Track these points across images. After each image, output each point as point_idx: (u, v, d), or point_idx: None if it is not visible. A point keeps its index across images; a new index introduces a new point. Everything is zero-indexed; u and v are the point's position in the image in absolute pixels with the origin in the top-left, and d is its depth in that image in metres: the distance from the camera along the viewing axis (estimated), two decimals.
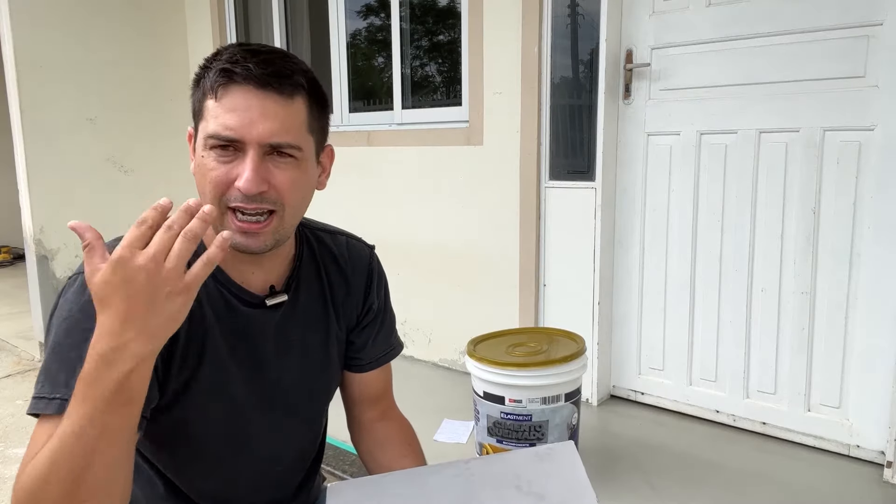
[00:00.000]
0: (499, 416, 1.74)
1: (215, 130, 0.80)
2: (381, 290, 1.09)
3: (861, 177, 1.89)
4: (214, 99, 0.81)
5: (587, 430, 2.15)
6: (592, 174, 2.32)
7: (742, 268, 2.12)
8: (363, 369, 1.09)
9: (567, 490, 0.88)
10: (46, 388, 0.76)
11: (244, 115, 0.80)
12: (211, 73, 0.82)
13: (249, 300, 0.92)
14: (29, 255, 3.37)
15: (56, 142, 3.33)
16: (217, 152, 0.81)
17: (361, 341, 1.08)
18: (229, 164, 0.81)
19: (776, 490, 1.82)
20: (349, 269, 1.05)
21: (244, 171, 0.80)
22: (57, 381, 0.76)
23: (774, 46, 1.99)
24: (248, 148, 0.80)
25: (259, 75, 0.80)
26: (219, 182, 0.81)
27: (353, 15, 3.16)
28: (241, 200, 0.81)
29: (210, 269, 0.67)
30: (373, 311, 1.08)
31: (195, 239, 0.65)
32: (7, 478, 2.23)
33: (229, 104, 0.80)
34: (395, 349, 1.14)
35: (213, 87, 0.81)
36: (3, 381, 3.15)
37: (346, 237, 1.08)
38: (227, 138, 0.80)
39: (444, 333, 2.86)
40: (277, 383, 0.97)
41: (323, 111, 0.90)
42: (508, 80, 2.49)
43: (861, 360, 1.94)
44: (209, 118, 0.81)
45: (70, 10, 3.33)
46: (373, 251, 1.10)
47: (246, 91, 0.80)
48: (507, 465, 0.93)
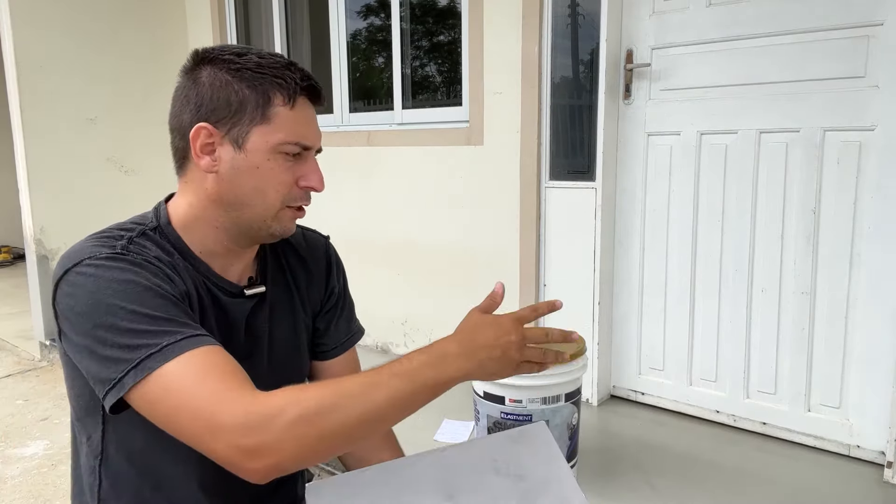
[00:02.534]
0: (499, 416, 1.74)
1: (297, 140, 0.89)
2: (340, 276, 1.15)
3: (861, 177, 1.89)
4: (290, 107, 0.88)
5: (587, 430, 2.15)
6: (593, 174, 2.32)
7: (742, 268, 2.12)
8: (328, 356, 1.14)
9: (545, 469, 0.90)
10: (143, 349, 0.76)
11: (314, 126, 0.93)
12: (287, 81, 0.88)
13: (230, 290, 0.96)
14: (29, 254, 3.37)
15: (56, 142, 3.33)
16: (286, 157, 0.90)
17: (325, 326, 1.13)
18: (294, 166, 0.91)
19: (776, 490, 1.82)
20: (308, 257, 1.10)
21: (312, 172, 0.92)
22: (150, 334, 0.77)
23: (775, 46, 1.99)
24: (312, 153, 0.93)
25: (319, 91, 0.93)
26: (287, 182, 0.90)
27: (353, 15, 3.16)
28: (306, 199, 0.94)
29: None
30: (335, 295, 1.13)
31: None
32: (7, 477, 2.23)
33: (303, 114, 0.90)
34: (357, 334, 1.19)
35: (291, 96, 0.88)
36: (3, 380, 3.15)
37: (301, 228, 1.12)
38: (305, 146, 0.91)
39: (445, 333, 2.83)
40: (252, 375, 0.96)
41: None
42: (509, 79, 2.49)
43: (861, 360, 1.94)
44: (282, 125, 0.88)
45: (70, 11, 3.34)
46: (328, 240, 1.16)
47: (308, 102, 0.92)
48: (483, 450, 0.94)
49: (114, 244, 0.85)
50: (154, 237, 0.91)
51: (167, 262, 0.88)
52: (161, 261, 0.87)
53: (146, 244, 0.88)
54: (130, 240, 0.87)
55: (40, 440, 2.50)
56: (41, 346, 3.41)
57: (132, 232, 0.89)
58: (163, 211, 0.94)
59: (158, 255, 0.88)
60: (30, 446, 2.46)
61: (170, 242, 0.92)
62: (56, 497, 2.11)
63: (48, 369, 3.28)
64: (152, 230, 0.91)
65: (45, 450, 2.42)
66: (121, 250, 0.84)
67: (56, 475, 2.24)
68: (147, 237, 0.90)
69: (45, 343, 3.38)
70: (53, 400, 2.87)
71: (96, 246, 0.85)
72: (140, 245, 0.87)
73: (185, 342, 0.77)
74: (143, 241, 0.89)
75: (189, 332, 0.79)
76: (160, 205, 0.96)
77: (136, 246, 0.87)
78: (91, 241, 0.87)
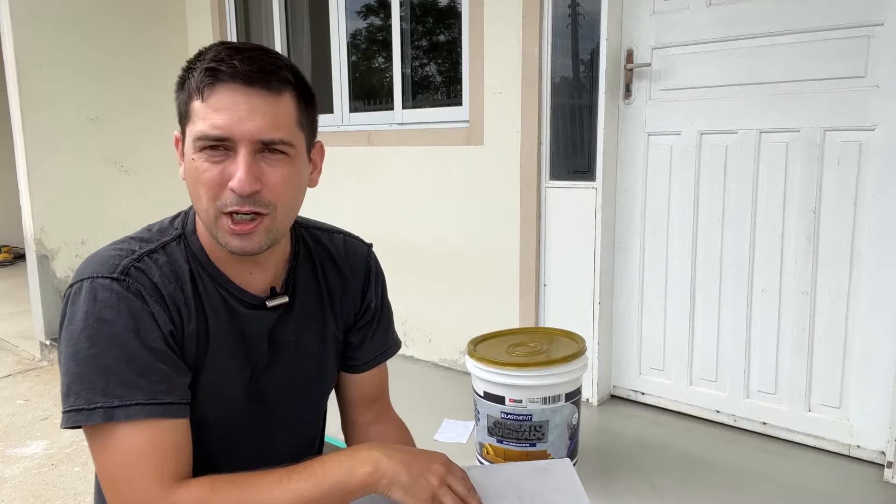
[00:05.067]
0: (499, 416, 1.74)
1: (203, 131, 0.79)
2: (378, 289, 1.08)
3: (861, 177, 1.89)
4: (201, 99, 0.79)
5: (587, 430, 2.15)
6: (593, 174, 2.32)
7: (742, 268, 2.12)
8: (359, 369, 1.08)
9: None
10: (83, 399, 0.77)
11: (233, 113, 0.78)
12: (195, 74, 0.80)
13: (250, 301, 0.92)
14: (29, 254, 3.37)
15: (56, 142, 3.33)
16: (208, 153, 0.80)
17: (358, 340, 1.06)
18: (221, 164, 0.80)
19: (776, 490, 1.82)
20: (346, 268, 1.03)
21: (237, 170, 0.79)
22: (94, 390, 0.77)
23: (775, 46, 1.99)
24: (240, 146, 0.79)
25: (245, 72, 0.78)
26: (212, 183, 0.80)
27: (353, 15, 3.16)
28: (236, 204, 0.80)
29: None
30: (371, 309, 1.07)
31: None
32: (7, 477, 2.23)
33: (216, 103, 0.78)
34: (392, 348, 1.12)
35: (199, 87, 0.79)
36: (4, 380, 3.15)
37: (344, 235, 1.07)
38: (216, 137, 0.78)
39: (444, 333, 2.86)
40: (273, 384, 0.96)
41: (311, 106, 0.88)
42: (509, 79, 2.49)
43: (861, 360, 1.94)
44: (196, 119, 0.80)
45: (70, 11, 3.34)
46: (370, 249, 1.09)
47: (233, 89, 0.78)
48: (507, 477, 0.92)
49: (118, 263, 0.83)
50: (174, 249, 0.88)
51: (172, 289, 0.85)
52: (163, 287, 0.84)
53: (154, 265, 0.85)
54: (140, 258, 0.84)
55: (40, 440, 2.50)
56: (41, 345, 3.41)
57: (151, 244, 0.87)
58: (191, 216, 0.91)
59: (164, 278, 0.85)
60: (30, 446, 2.46)
61: (191, 253, 0.89)
62: (56, 497, 2.11)
63: (48, 369, 3.28)
64: (177, 239, 0.89)
65: (45, 450, 2.42)
66: (120, 274, 0.81)
67: (56, 475, 2.23)
68: (166, 251, 0.87)
69: (45, 343, 3.38)
70: (54, 400, 2.87)
71: (110, 257, 0.84)
72: (147, 265, 0.84)
73: (135, 409, 0.78)
74: (157, 257, 0.86)
75: (141, 399, 0.78)
76: (191, 207, 0.91)
77: (142, 265, 0.84)
78: (110, 249, 0.85)
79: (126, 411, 0.77)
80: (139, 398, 0.78)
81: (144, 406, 0.78)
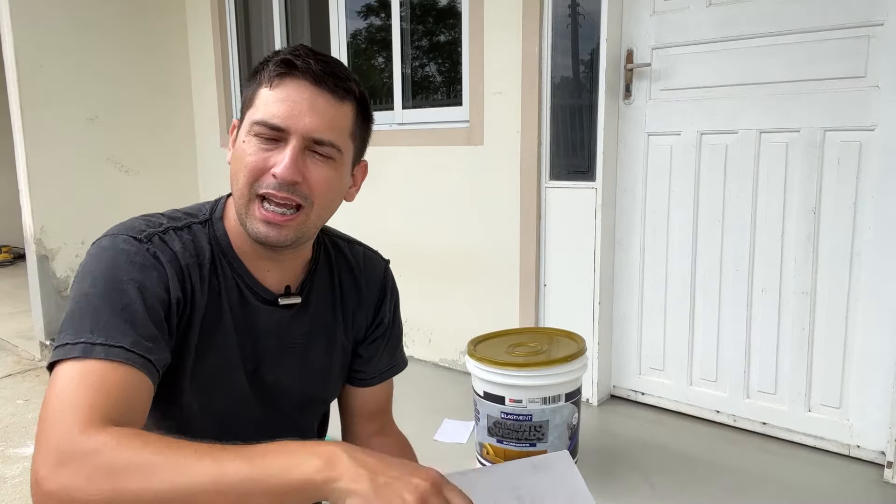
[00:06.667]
0: (499, 416, 1.74)
1: (263, 118, 0.81)
2: (392, 305, 1.09)
3: (861, 177, 1.89)
4: (269, 87, 0.82)
5: (587, 430, 2.15)
6: (593, 174, 2.32)
7: (742, 268, 2.12)
8: (366, 384, 1.08)
9: (569, 500, 0.87)
10: (70, 335, 0.75)
11: (294, 106, 0.81)
12: (270, 65, 0.83)
13: (263, 296, 0.93)
14: (29, 254, 3.37)
15: (56, 142, 3.33)
16: (259, 139, 0.82)
17: (367, 355, 1.06)
18: (269, 152, 0.82)
19: (776, 490, 1.82)
20: (363, 280, 1.04)
21: (283, 158, 0.81)
22: (83, 328, 0.76)
23: (775, 46, 1.99)
24: (291, 139, 0.81)
25: (316, 72, 0.82)
26: (255, 167, 0.82)
27: (353, 15, 3.16)
28: (272, 188, 0.81)
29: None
30: (383, 325, 1.07)
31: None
32: (7, 477, 2.23)
33: (282, 94, 0.81)
34: (399, 365, 1.12)
35: (271, 76, 0.82)
36: (3, 380, 3.15)
37: (364, 248, 1.08)
38: (272, 126, 0.81)
39: (445, 333, 2.86)
40: (276, 384, 0.96)
41: (367, 124, 0.91)
42: (509, 79, 2.49)
43: (861, 361, 1.94)
44: (259, 105, 0.82)
45: (70, 11, 3.33)
46: (388, 265, 1.10)
47: (301, 84, 0.82)
48: (504, 476, 0.92)
49: (144, 229, 0.85)
50: (199, 230, 0.89)
51: (191, 262, 0.86)
52: (182, 258, 0.85)
53: (178, 238, 0.86)
54: (166, 230, 0.86)
55: None
56: (41, 345, 3.40)
57: (177, 223, 0.88)
58: (221, 204, 0.93)
59: (185, 251, 0.86)
60: (30, 446, 2.45)
61: (214, 238, 0.90)
62: None
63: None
64: (203, 223, 0.90)
65: None
66: (143, 237, 0.83)
67: None
68: (191, 230, 0.89)
69: (45, 343, 3.38)
70: None
71: (138, 223, 0.86)
72: (171, 237, 0.86)
73: (116, 351, 0.74)
74: (180, 234, 0.87)
75: (126, 344, 0.75)
76: (223, 196, 0.94)
77: (166, 237, 0.85)
78: (139, 218, 0.88)
79: (106, 350, 0.74)
80: (124, 343, 0.76)
81: (127, 352, 0.75)
